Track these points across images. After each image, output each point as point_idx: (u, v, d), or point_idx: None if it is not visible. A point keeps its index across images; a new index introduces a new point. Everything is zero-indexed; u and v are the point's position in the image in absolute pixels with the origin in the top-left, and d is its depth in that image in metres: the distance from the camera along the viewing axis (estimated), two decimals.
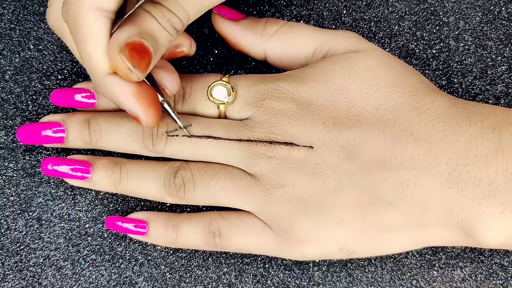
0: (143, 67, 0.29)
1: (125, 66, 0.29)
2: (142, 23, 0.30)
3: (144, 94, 0.30)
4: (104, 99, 0.37)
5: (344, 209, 0.33)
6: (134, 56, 0.29)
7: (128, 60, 0.29)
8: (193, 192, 0.35)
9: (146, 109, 0.31)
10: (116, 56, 0.29)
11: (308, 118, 0.34)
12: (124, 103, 0.30)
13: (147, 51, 0.29)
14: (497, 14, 0.39)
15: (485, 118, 0.32)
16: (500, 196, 0.30)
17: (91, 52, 0.29)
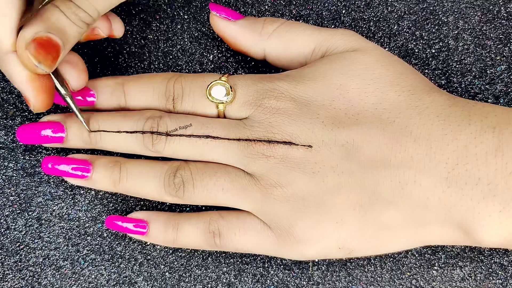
0: (50, 61, 0.31)
1: (30, 62, 0.30)
2: (50, 17, 0.31)
3: (38, 80, 0.32)
4: (104, 98, 0.37)
5: (343, 208, 0.33)
6: (40, 52, 0.30)
7: (33, 56, 0.30)
8: (192, 192, 0.35)
9: (37, 94, 0.32)
10: (22, 52, 0.30)
11: (307, 118, 0.34)
12: (18, 84, 0.32)
13: (55, 45, 0.31)
14: (496, 14, 0.39)
15: (485, 117, 0.32)
16: (499, 195, 0.30)
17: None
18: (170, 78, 0.36)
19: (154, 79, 0.37)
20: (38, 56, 0.30)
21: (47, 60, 0.31)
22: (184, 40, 0.40)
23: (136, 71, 0.40)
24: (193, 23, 0.40)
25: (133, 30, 0.40)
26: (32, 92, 0.32)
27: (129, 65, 0.40)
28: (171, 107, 0.36)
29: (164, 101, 0.36)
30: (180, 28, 0.40)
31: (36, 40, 0.30)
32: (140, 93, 0.37)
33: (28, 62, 0.30)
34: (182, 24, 0.40)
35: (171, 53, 0.40)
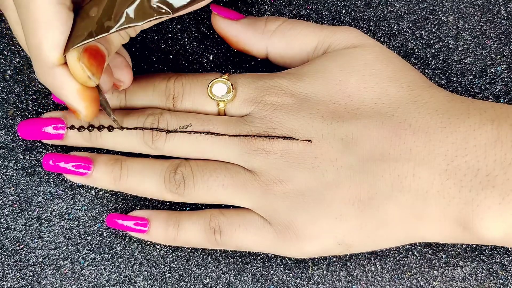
0: (99, 72, 0.30)
1: (84, 75, 0.29)
2: None
3: (87, 91, 0.30)
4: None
5: (342, 203, 0.33)
6: (92, 63, 0.29)
7: (88, 68, 0.29)
8: (193, 188, 0.35)
9: (88, 105, 0.30)
10: (75, 64, 0.29)
11: (306, 112, 0.34)
12: (67, 97, 0.30)
13: (102, 55, 0.30)
14: (496, 13, 0.39)
15: (483, 111, 0.32)
16: (498, 186, 0.30)
17: (42, 39, 0.28)
18: (170, 77, 0.37)
19: (154, 79, 0.37)
20: (91, 67, 0.29)
21: (98, 72, 0.29)
22: (184, 40, 0.40)
23: (136, 71, 0.40)
24: (193, 23, 0.40)
25: None
26: (84, 103, 0.30)
27: None
28: (171, 105, 0.36)
29: (164, 100, 0.36)
30: (180, 28, 0.40)
31: (87, 50, 0.29)
32: (140, 93, 0.37)
33: (81, 75, 0.29)
34: (182, 24, 0.40)
35: (171, 53, 0.40)
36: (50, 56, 0.28)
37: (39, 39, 0.28)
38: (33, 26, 0.28)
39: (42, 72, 0.29)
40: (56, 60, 0.29)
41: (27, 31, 0.28)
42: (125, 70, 0.34)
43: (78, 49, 0.29)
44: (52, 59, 0.28)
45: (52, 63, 0.29)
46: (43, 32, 0.28)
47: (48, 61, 0.29)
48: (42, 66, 0.29)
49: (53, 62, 0.29)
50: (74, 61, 0.29)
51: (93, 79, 0.29)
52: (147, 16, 0.28)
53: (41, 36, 0.28)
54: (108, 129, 0.36)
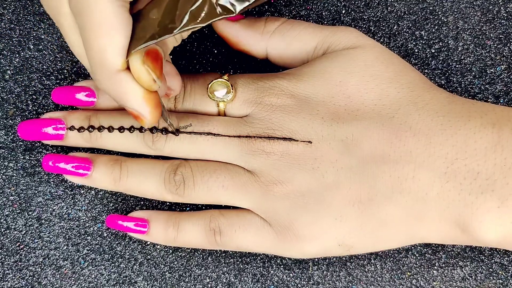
0: (162, 75, 0.29)
1: (149, 78, 0.28)
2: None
3: (151, 95, 0.29)
4: (105, 98, 0.37)
5: (342, 204, 0.33)
6: (156, 66, 0.28)
7: (152, 70, 0.28)
8: (193, 189, 0.35)
9: (152, 110, 0.29)
10: (140, 68, 0.28)
11: (306, 113, 0.34)
12: (132, 103, 0.29)
13: (161, 58, 0.29)
14: (496, 14, 0.39)
15: (484, 114, 0.32)
16: (498, 190, 0.30)
17: (106, 43, 0.27)
18: None
19: None
20: (155, 70, 0.28)
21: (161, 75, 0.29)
22: (184, 40, 0.40)
23: None
24: None
25: None
26: (149, 108, 0.29)
27: None
28: (172, 106, 0.36)
29: (165, 101, 0.36)
30: None
31: (149, 53, 0.28)
32: None
33: (146, 78, 0.28)
34: None
35: (171, 53, 0.40)
36: (114, 61, 0.28)
37: (102, 44, 0.27)
38: (95, 31, 0.27)
39: (105, 78, 0.28)
40: (120, 65, 0.28)
41: (88, 37, 0.28)
42: (175, 78, 0.34)
43: (141, 53, 0.28)
44: (117, 64, 0.28)
45: (116, 68, 0.28)
46: (107, 37, 0.27)
47: (112, 67, 0.28)
48: (105, 72, 0.28)
49: (118, 68, 0.28)
50: (138, 65, 0.28)
51: (158, 82, 0.29)
52: (212, 16, 0.27)
53: (105, 41, 0.27)
54: (109, 130, 0.36)
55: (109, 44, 0.27)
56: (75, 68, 0.40)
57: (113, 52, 0.27)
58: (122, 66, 0.28)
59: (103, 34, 0.27)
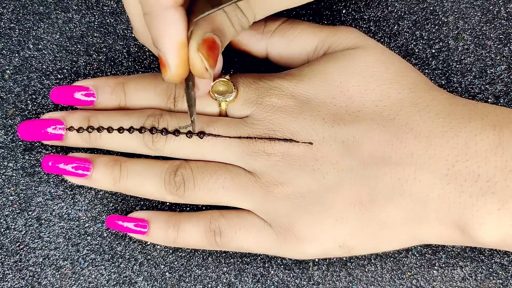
0: (214, 65, 0.29)
1: (202, 65, 0.29)
2: (215, 19, 0.30)
3: (186, 51, 0.29)
4: (104, 97, 0.37)
5: (343, 206, 0.33)
6: (210, 54, 0.29)
7: (206, 59, 0.28)
8: (193, 190, 0.35)
9: (180, 64, 0.29)
10: (195, 55, 0.28)
11: (307, 115, 0.34)
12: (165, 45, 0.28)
13: (218, 47, 0.29)
14: (496, 14, 0.39)
15: (485, 116, 0.32)
16: (498, 193, 0.30)
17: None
18: None
19: (155, 78, 0.37)
20: (209, 59, 0.29)
21: (213, 65, 0.29)
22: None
23: (136, 71, 0.40)
24: None
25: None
26: (177, 60, 0.29)
27: (129, 65, 0.40)
28: (172, 106, 0.36)
29: (165, 100, 0.36)
30: None
31: (206, 41, 0.28)
32: (140, 92, 0.37)
33: (199, 66, 0.29)
34: None
35: None
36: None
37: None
38: None
39: (151, 13, 0.28)
40: (172, 0, 0.27)
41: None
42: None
43: (197, 40, 0.28)
44: (167, 1, 0.27)
45: (165, 3, 0.27)
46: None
47: (163, 3, 0.27)
48: (154, 5, 0.27)
49: (166, 3, 0.27)
50: (193, 51, 0.28)
51: (210, 72, 0.29)
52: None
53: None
54: (108, 130, 0.36)
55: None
56: (75, 68, 0.40)
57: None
58: (174, 1, 0.27)
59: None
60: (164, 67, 0.29)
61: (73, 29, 0.40)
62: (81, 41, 0.40)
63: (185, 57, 0.29)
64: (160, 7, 0.27)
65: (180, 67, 0.29)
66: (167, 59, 0.29)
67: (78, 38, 0.40)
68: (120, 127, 0.36)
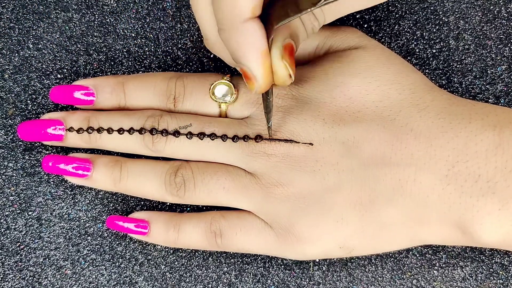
0: (294, 70, 0.29)
1: (286, 73, 0.28)
2: (291, 24, 0.29)
3: (269, 57, 0.28)
4: (104, 97, 0.37)
5: (343, 206, 0.33)
6: (292, 61, 0.28)
7: (290, 66, 0.28)
8: (193, 191, 0.35)
9: (266, 74, 0.28)
10: (278, 62, 0.28)
11: (308, 115, 0.34)
12: (249, 58, 0.28)
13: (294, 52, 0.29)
14: (497, 14, 0.39)
15: (485, 116, 0.32)
16: (499, 193, 0.30)
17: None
18: (172, 77, 0.36)
19: (155, 78, 0.37)
20: (292, 66, 0.28)
21: (294, 70, 0.29)
22: (185, 39, 0.40)
23: (136, 71, 0.40)
24: (193, 22, 0.40)
25: (133, 29, 0.40)
26: (263, 71, 0.28)
27: (129, 65, 0.40)
28: (172, 106, 0.36)
29: (165, 100, 0.36)
30: (180, 27, 0.40)
31: (286, 47, 0.28)
32: (140, 92, 0.37)
33: (282, 73, 0.28)
34: (182, 23, 0.40)
35: (171, 52, 0.40)
36: (245, 7, 0.26)
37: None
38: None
39: (230, 26, 0.27)
40: (250, 12, 0.26)
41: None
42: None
43: (279, 47, 0.28)
44: (245, 12, 0.26)
45: (246, 16, 0.27)
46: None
47: (242, 13, 0.27)
48: (232, 19, 0.27)
49: (247, 15, 0.27)
50: (277, 59, 0.28)
51: (292, 78, 0.29)
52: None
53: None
54: (108, 131, 0.36)
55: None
56: (75, 68, 0.39)
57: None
58: (252, 13, 0.27)
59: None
60: (250, 79, 0.29)
61: (73, 29, 0.40)
62: (81, 41, 0.40)
63: (269, 66, 0.29)
64: (239, 20, 0.27)
65: (266, 77, 0.29)
66: (253, 71, 0.28)
67: (78, 38, 0.40)
68: (120, 128, 0.36)
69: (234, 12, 0.27)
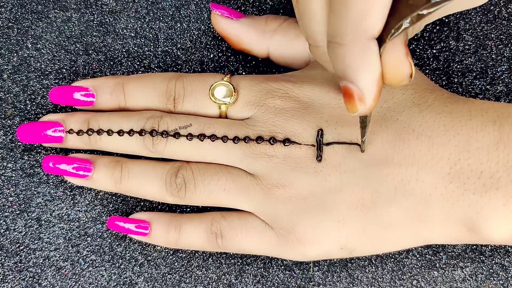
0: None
1: (409, 72, 0.26)
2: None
3: (381, 81, 0.27)
4: (104, 97, 0.37)
5: (345, 207, 0.33)
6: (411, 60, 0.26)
7: (411, 65, 0.26)
8: (194, 192, 0.35)
9: (377, 95, 0.27)
10: (403, 59, 0.26)
11: (310, 117, 0.34)
12: (364, 78, 0.26)
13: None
14: (497, 14, 0.39)
15: (485, 112, 0.32)
16: (502, 188, 0.30)
17: (371, 6, 0.24)
18: (171, 78, 0.36)
19: (155, 79, 0.37)
20: (412, 65, 0.26)
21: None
22: (184, 39, 0.40)
23: (135, 70, 0.40)
24: (193, 22, 0.40)
25: (132, 29, 0.40)
26: (376, 92, 0.26)
27: (129, 65, 0.40)
28: (171, 107, 0.36)
29: (164, 101, 0.36)
30: (180, 27, 0.40)
31: (406, 45, 0.26)
32: (140, 93, 0.37)
33: (404, 72, 0.26)
34: (182, 23, 0.40)
35: (171, 52, 0.40)
36: (374, 26, 0.25)
37: (368, 4, 0.24)
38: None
39: (352, 43, 0.25)
40: (376, 32, 0.25)
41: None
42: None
43: (402, 44, 0.26)
44: (375, 30, 0.25)
45: (372, 34, 0.25)
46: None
47: (369, 32, 0.25)
48: (356, 36, 0.25)
49: (374, 34, 0.25)
50: (402, 55, 0.26)
51: (412, 78, 0.27)
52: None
53: (370, 3, 0.24)
54: (108, 133, 0.36)
55: (375, 6, 0.24)
56: (74, 67, 0.39)
57: (376, 15, 0.24)
58: (378, 33, 0.25)
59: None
60: (358, 100, 0.27)
61: (72, 28, 0.40)
62: (80, 40, 0.40)
63: (380, 87, 0.27)
64: (365, 37, 0.25)
65: (377, 98, 0.27)
66: (366, 92, 0.26)
67: (77, 37, 0.40)
68: (120, 130, 0.36)
69: (360, 27, 0.25)
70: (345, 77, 0.27)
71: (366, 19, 0.24)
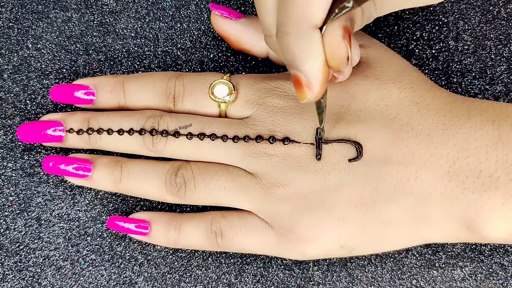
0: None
1: (345, 54, 0.27)
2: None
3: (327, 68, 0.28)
4: (104, 96, 0.37)
5: (344, 206, 0.33)
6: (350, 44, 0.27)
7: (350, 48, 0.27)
8: (194, 191, 0.35)
9: (323, 82, 0.27)
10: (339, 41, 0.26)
11: (309, 115, 0.34)
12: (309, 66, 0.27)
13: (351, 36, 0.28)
14: (496, 14, 0.39)
15: (484, 111, 0.32)
16: (501, 187, 0.31)
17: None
18: (171, 77, 0.36)
19: (155, 78, 0.37)
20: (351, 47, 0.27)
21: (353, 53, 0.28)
22: (184, 39, 0.40)
23: (135, 70, 0.40)
24: (193, 22, 0.40)
25: (132, 29, 0.40)
26: (321, 78, 0.27)
27: (129, 65, 0.40)
28: (171, 105, 0.36)
29: (164, 100, 0.36)
30: (180, 27, 0.40)
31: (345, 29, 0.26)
32: (140, 92, 0.37)
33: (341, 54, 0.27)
34: (182, 23, 0.40)
35: (171, 52, 0.40)
36: (316, 16, 0.26)
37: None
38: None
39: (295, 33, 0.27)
40: (318, 21, 0.26)
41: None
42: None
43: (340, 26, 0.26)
44: (317, 20, 0.26)
45: (314, 24, 0.26)
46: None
47: (311, 21, 0.26)
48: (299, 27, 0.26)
49: (316, 23, 0.26)
50: (339, 37, 0.26)
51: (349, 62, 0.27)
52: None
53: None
54: (108, 132, 0.36)
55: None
56: (74, 67, 0.39)
57: (319, 6, 0.26)
58: (320, 22, 0.26)
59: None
60: (302, 87, 0.28)
61: (72, 28, 0.40)
62: (80, 40, 0.40)
63: (328, 75, 0.28)
64: (307, 27, 0.26)
65: (323, 86, 0.28)
66: (312, 79, 0.27)
67: (77, 37, 0.40)
68: (120, 129, 0.36)
69: (303, 17, 0.26)
70: (293, 65, 0.28)
71: (309, 9, 0.25)
